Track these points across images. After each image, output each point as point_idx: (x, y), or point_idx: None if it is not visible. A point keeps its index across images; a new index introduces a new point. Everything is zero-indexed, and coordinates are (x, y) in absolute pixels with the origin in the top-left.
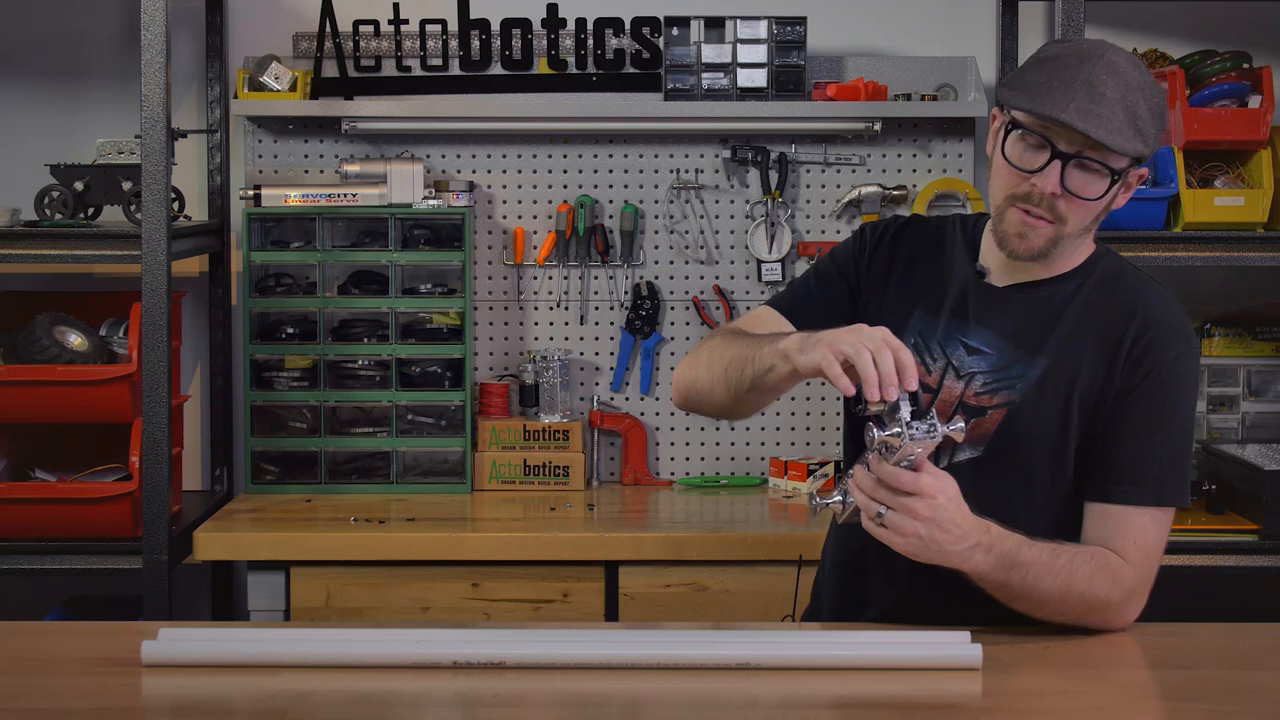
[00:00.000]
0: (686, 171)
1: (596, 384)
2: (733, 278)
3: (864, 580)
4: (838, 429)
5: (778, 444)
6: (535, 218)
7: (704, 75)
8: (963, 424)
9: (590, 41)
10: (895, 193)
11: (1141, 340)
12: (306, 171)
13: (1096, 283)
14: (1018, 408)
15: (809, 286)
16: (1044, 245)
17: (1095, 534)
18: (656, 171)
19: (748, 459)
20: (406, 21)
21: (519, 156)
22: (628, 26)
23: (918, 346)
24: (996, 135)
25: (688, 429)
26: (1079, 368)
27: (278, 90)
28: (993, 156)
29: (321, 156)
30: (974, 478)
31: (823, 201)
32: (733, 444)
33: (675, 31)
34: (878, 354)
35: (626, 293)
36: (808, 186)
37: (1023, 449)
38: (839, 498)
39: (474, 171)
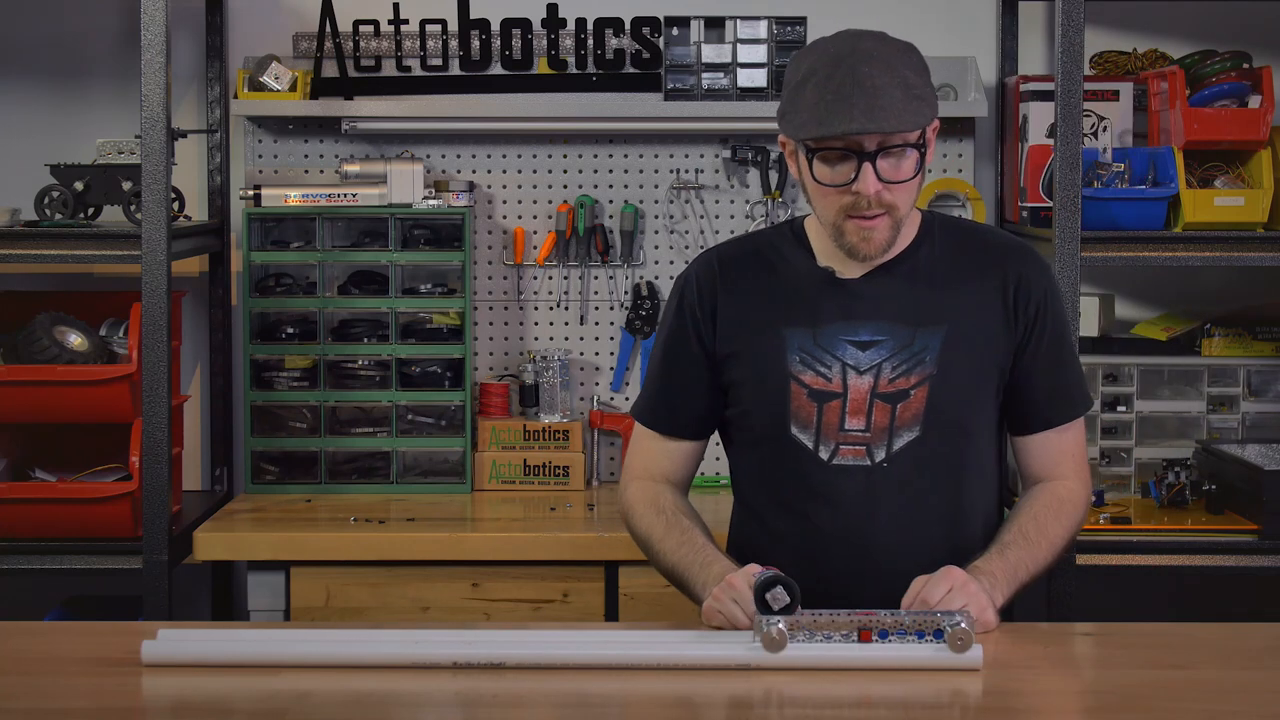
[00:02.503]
0: (686, 171)
1: (596, 384)
2: None
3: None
4: None
5: None
6: (535, 218)
7: (704, 75)
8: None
9: (590, 41)
10: None
11: (1021, 278)
12: (306, 171)
13: (943, 241)
14: (937, 378)
15: (665, 384)
16: (888, 236)
17: (1037, 464)
18: (656, 171)
19: None
20: (406, 21)
21: (519, 156)
22: (628, 26)
23: (805, 360)
24: (796, 163)
25: None
26: (976, 320)
27: (278, 90)
28: (803, 182)
29: (321, 156)
30: (918, 458)
31: None
32: None
33: (675, 31)
34: (729, 616)
35: (626, 293)
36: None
37: (955, 415)
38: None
39: (474, 171)
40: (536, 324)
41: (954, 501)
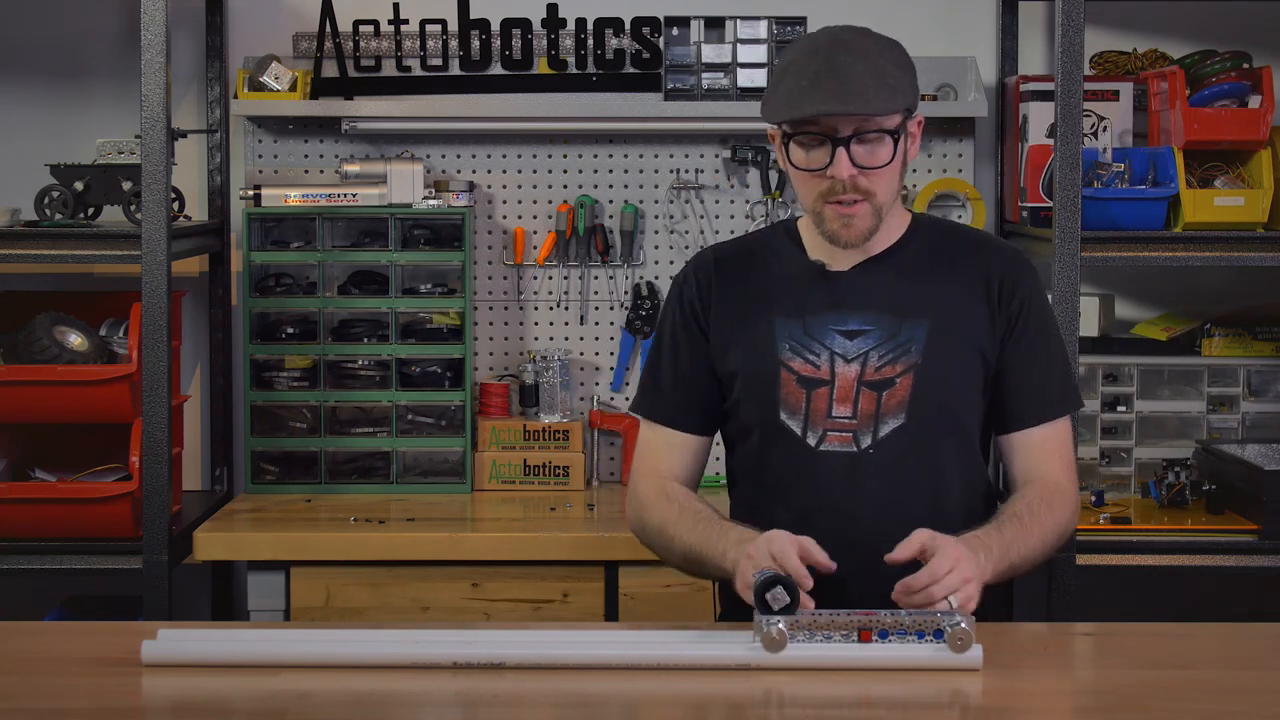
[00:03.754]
0: (686, 171)
1: (596, 384)
2: None
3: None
4: None
5: None
6: (535, 218)
7: (704, 75)
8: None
9: (590, 41)
10: None
11: (1005, 276)
12: (306, 171)
13: (930, 239)
14: (922, 367)
15: (671, 377)
16: (869, 222)
17: (1024, 461)
18: (656, 171)
19: None
20: (406, 21)
21: (519, 156)
22: (628, 26)
23: (794, 348)
24: (780, 150)
25: None
26: (961, 314)
27: (278, 90)
28: (786, 169)
29: (321, 156)
30: (904, 445)
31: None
32: None
33: (675, 31)
34: (783, 559)
35: (626, 293)
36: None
37: (940, 404)
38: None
39: (474, 171)
40: (536, 324)
41: (937, 490)
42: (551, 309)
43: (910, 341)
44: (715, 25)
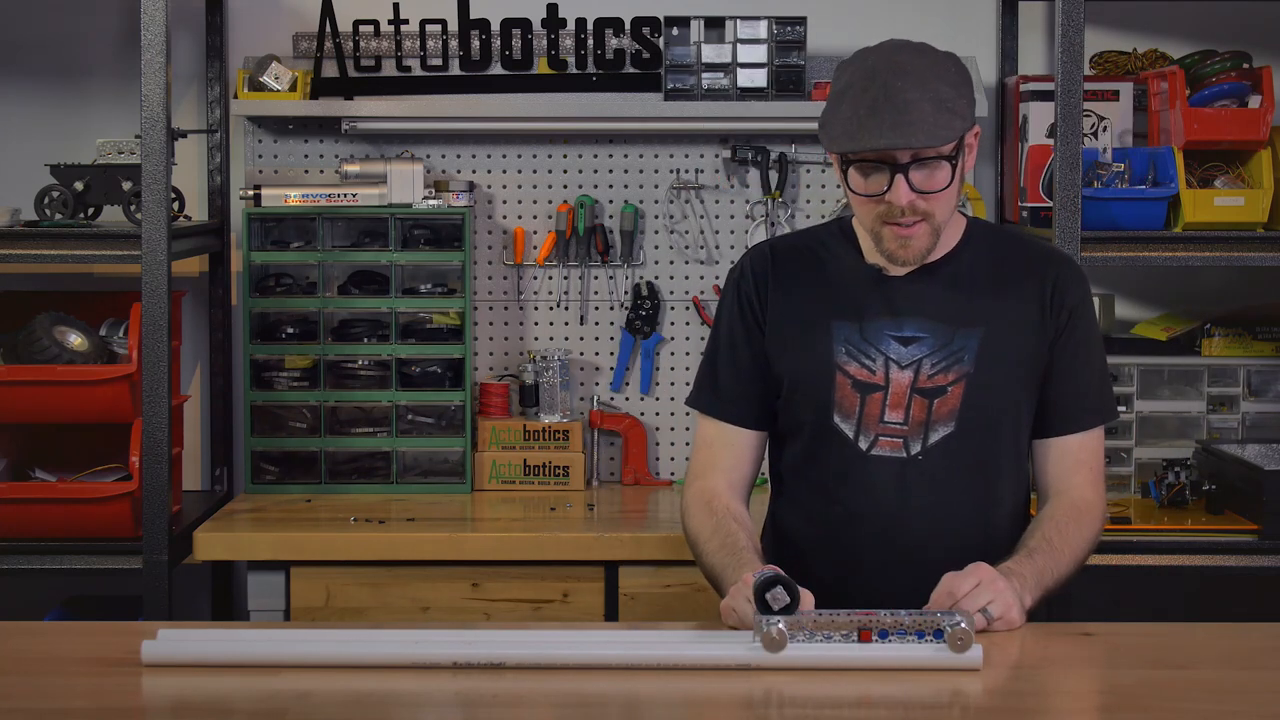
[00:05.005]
0: (686, 171)
1: (596, 384)
2: None
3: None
4: None
5: None
6: (535, 218)
7: (704, 75)
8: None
9: (590, 41)
10: None
11: (1056, 283)
12: (306, 171)
13: (985, 247)
14: (974, 377)
15: (730, 370)
16: (927, 243)
17: (1055, 469)
18: (656, 171)
19: None
20: (406, 21)
21: (519, 156)
22: (628, 26)
23: (850, 352)
24: (839, 173)
25: (688, 429)
26: (1013, 325)
27: (278, 90)
28: (845, 191)
29: (321, 156)
30: (950, 454)
31: (823, 201)
32: None
33: (675, 31)
34: (740, 614)
35: (626, 293)
36: (808, 186)
37: (990, 414)
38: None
39: (474, 171)
40: (536, 324)
41: (984, 498)
42: (551, 309)
43: (963, 350)
44: (715, 25)
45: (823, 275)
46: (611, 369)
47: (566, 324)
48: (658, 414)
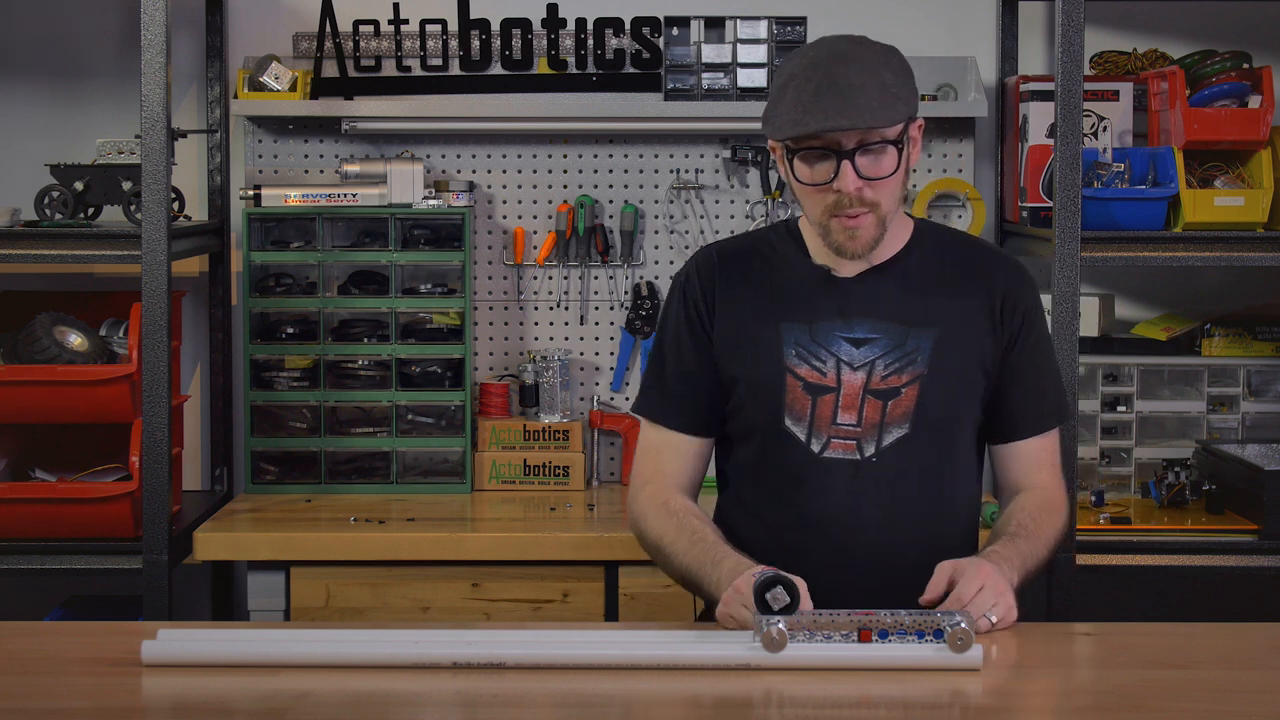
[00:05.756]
0: (686, 171)
1: (596, 384)
2: None
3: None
4: None
5: None
6: (535, 218)
7: (704, 75)
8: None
9: (590, 41)
10: None
11: (1007, 288)
12: (306, 171)
13: (934, 247)
14: (928, 377)
15: (676, 377)
16: (874, 233)
17: (1016, 471)
18: (656, 171)
19: None
20: (406, 21)
21: (519, 156)
22: (628, 26)
23: (800, 354)
24: (784, 165)
25: None
26: (966, 326)
27: (278, 90)
28: (790, 184)
29: (321, 156)
30: (905, 454)
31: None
32: None
33: (675, 31)
34: (740, 621)
35: (626, 293)
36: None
37: (944, 416)
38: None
39: (474, 171)
40: (536, 324)
41: (938, 499)
42: (551, 309)
43: (916, 351)
44: (715, 25)
45: (770, 277)
46: (611, 369)
47: (566, 324)
48: None
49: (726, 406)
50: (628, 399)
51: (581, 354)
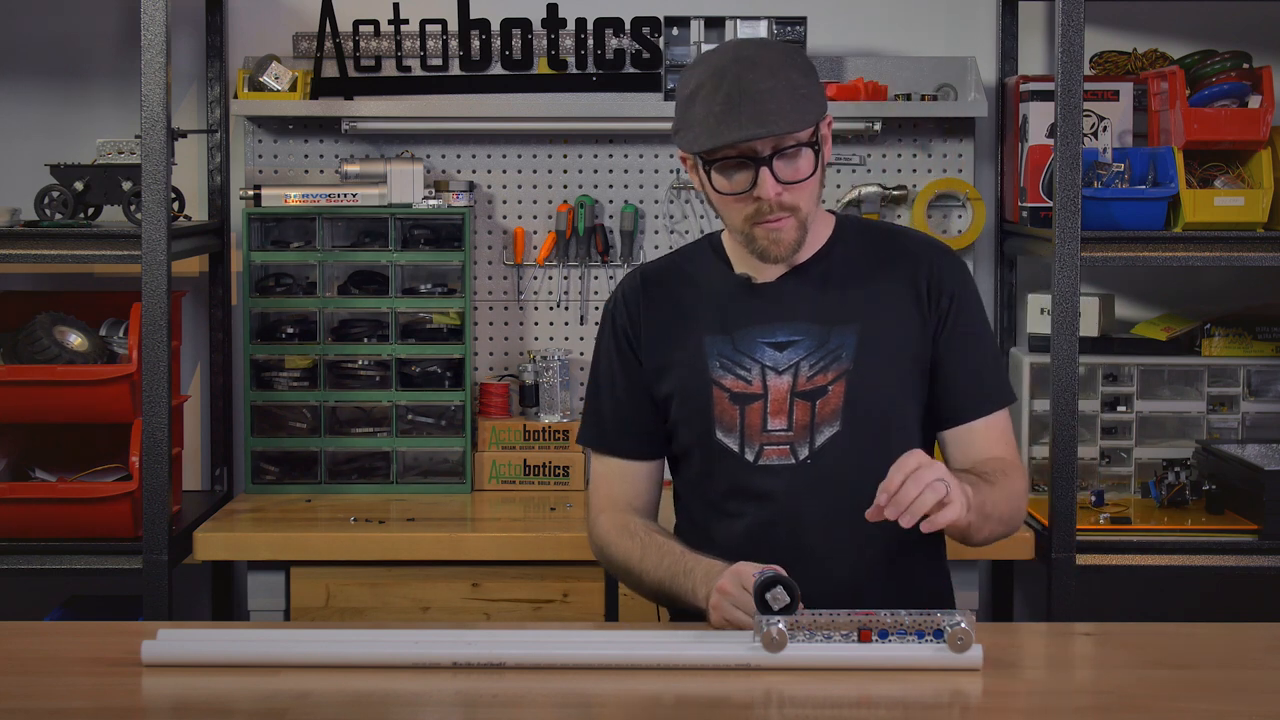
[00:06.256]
0: (686, 172)
1: None
2: None
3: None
4: None
5: None
6: (535, 218)
7: None
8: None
9: (590, 41)
10: (895, 193)
11: (932, 273)
12: (306, 171)
13: (856, 242)
14: (853, 373)
15: (612, 405)
16: (796, 236)
17: (966, 455)
18: (656, 171)
19: None
20: (406, 21)
21: (519, 156)
22: (628, 26)
23: (725, 365)
24: (698, 175)
25: None
26: (890, 318)
27: (278, 90)
28: (706, 194)
29: (321, 156)
30: (840, 453)
31: (823, 201)
32: None
33: (675, 31)
34: (734, 622)
35: None
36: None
37: (876, 409)
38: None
39: (474, 171)
40: (536, 324)
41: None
42: (551, 309)
43: (840, 348)
44: (715, 25)
45: (693, 292)
46: None
47: (566, 324)
48: None
49: (665, 425)
50: None
51: (581, 354)
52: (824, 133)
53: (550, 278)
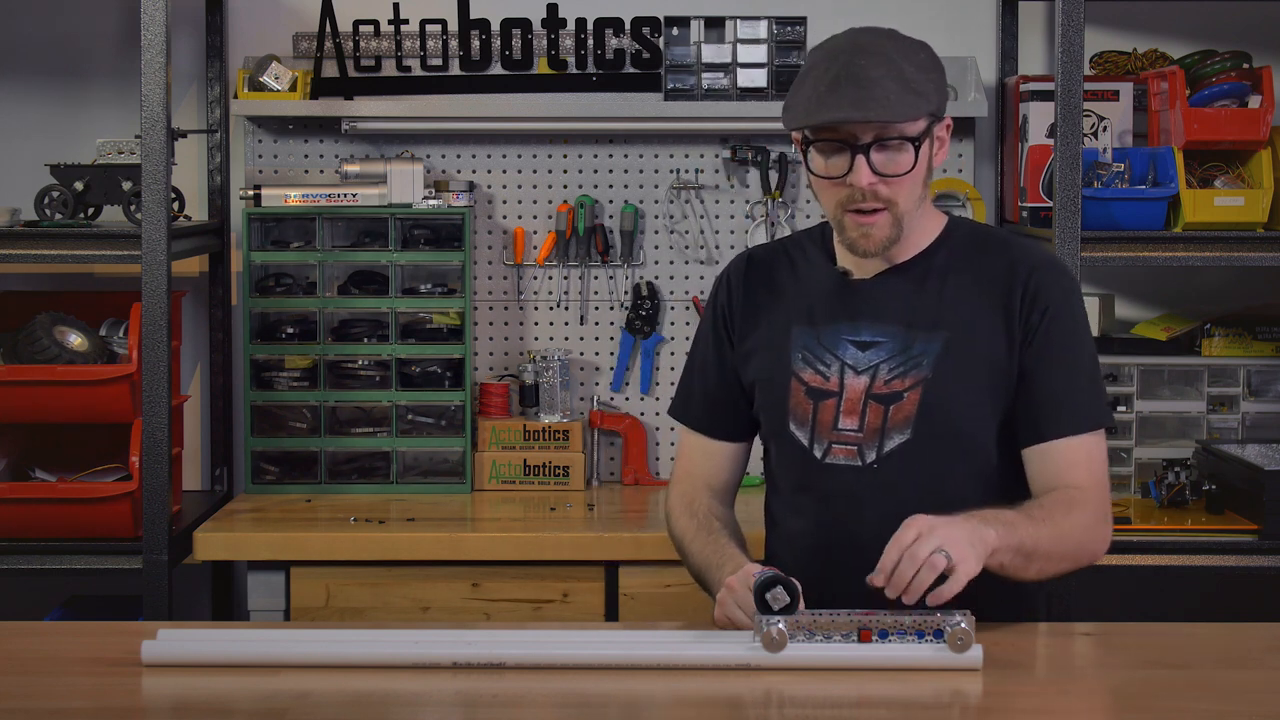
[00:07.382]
0: (686, 171)
1: (596, 384)
2: None
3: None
4: None
5: None
6: (535, 218)
7: (704, 75)
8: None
9: (590, 41)
10: None
11: (1029, 286)
12: (306, 171)
13: (963, 247)
14: (931, 382)
15: (702, 383)
16: (888, 232)
17: (1044, 475)
18: (656, 171)
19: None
20: (406, 21)
21: (519, 156)
22: (628, 26)
23: (807, 358)
24: (802, 156)
25: None
26: (979, 330)
27: (278, 90)
28: (809, 176)
29: (321, 156)
30: (908, 461)
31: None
32: None
33: (675, 31)
34: (733, 620)
35: (626, 293)
36: (808, 186)
37: (950, 419)
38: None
39: (474, 171)
40: (536, 324)
41: (942, 509)
42: (551, 309)
43: (922, 355)
44: (715, 25)
45: (792, 280)
46: (611, 369)
47: (566, 324)
48: (658, 414)
49: (752, 411)
50: (627, 399)
51: (581, 354)
52: (939, 134)
53: (550, 278)
